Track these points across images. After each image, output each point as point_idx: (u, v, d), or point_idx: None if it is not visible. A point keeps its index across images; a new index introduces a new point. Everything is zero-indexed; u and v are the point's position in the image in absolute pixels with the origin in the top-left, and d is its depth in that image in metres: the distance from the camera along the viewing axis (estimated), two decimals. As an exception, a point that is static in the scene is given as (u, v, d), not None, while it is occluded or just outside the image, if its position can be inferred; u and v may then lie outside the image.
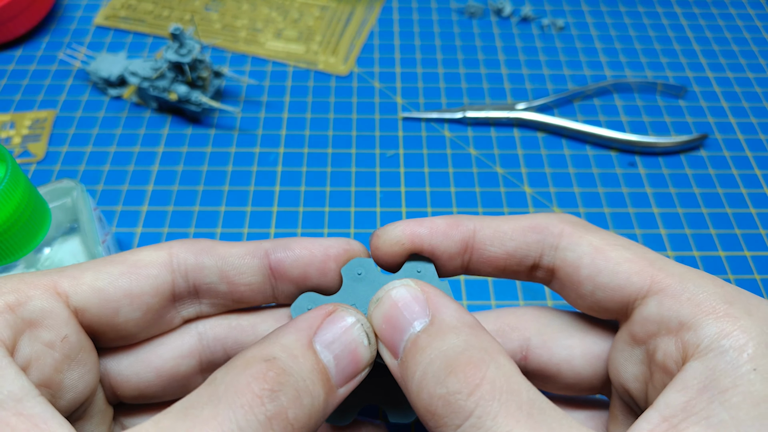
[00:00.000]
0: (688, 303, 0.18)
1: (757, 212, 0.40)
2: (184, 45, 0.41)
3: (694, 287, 0.19)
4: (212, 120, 0.44)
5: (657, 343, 0.19)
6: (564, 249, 0.22)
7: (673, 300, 0.19)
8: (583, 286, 0.21)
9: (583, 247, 0.21)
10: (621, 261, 0.20)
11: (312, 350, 0.18)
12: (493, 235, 0.22)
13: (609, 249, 0.21)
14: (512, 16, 0.53)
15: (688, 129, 0.45)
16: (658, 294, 0.19)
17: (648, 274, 0.20)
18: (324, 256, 0.22)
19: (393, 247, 0.22)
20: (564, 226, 0.22)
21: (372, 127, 0.44)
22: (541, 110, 0.45)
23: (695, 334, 0.18)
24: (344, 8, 0.53)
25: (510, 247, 0.22)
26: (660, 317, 0.19)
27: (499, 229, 0.22)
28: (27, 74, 0.47)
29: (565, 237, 0.22)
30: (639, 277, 0.20)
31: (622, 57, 0.50)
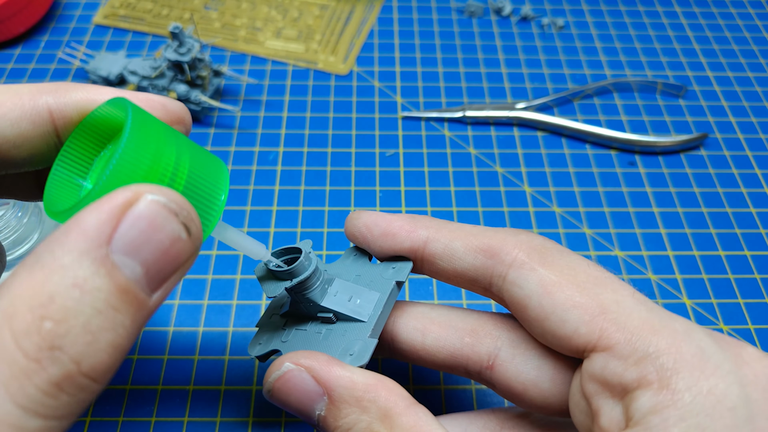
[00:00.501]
0: (634, 367, 0.17)
1: (757, 212, 0.40)
2: (184, 44, 0.41)
3: (643, 347, 0.17)
4: (212, 119, 0.44)
5: (599, 404, 0.18)
6: (511, 283, 0.20)
7: (618, 362, 0.17)
8: (532, 327, 0.20)
9: (531, 284, 0.20)
10: (569, 307, 0.19)
11: (109, 265, 0.14)
12: (443, 251, 0.22)
13: (558, 290, 0.19)
14: (512, 15, 0.53)
15: (688, 128, 0.45)
16: (605, 352, 0.18)
17: (597, 326, 0.18)
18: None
19: (350, 237, 0.23)
20: (517, 254, 0.20)
21: (372, 126, 0.44)
22: (541, 109, 0.45)
23: (633, 404, 0.17)
24: (344, 7, 0.53)
25: (459, 266, 0.21)
26: (604, 379, 0.18)
27: (450, 245, 0.21)
28: (26, 73, 0.47)
29: (515, 268, 0.20)
30: (587, 329, 0.18)
31: (622, 56, 0.50)
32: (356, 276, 0.23)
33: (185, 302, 0.35)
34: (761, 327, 0.35)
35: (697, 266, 0.37)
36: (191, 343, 0.34)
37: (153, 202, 0.14)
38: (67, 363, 0.13)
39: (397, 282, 0.22)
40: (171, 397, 0.32)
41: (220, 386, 0.32)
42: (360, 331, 0.22)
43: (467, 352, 0.22)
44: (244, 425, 0.31)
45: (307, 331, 0.23)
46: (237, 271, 0.36)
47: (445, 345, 0.22)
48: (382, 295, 0.22)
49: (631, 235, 0.38)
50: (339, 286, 0.23)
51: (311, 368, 0.19)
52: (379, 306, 0.22)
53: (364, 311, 0.22)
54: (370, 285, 0.23)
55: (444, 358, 0.23)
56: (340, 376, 0.19)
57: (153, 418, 0.31)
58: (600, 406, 0.18)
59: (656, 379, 0.16)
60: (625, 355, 0.17)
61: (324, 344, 0.22)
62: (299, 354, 0.20)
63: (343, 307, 0.22)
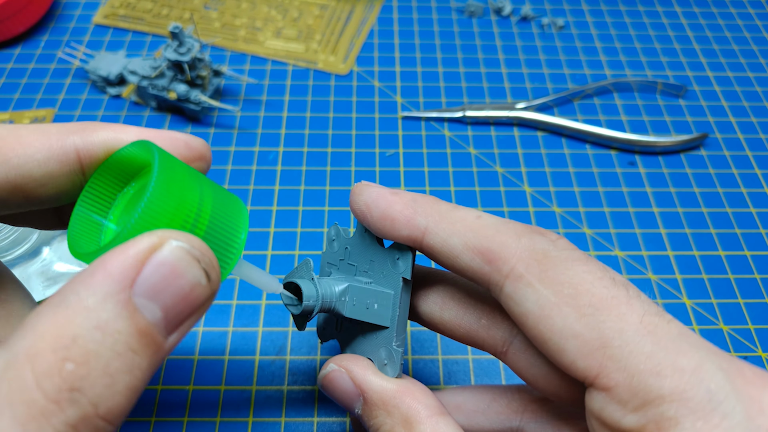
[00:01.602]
0: (633, 414, 0.16)
1: (757, 212, 0.40)
2: (184, 44, 0.41)
3: (644, 393, 0.16)
4: (212, 119, 0.44)
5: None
6: (507, 297, 0.19)
7: (616, 406, 0.16)
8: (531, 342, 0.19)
9: (529, 303, 0.18)
10: (568, 336, 0.17)
11: (131, 308, 0.14)
12: (441, 246, 0.20)
13: (558, 314, 0.17)
14: (512, 15, 0.53)
15: (688, 128, 0.45)
16: (604, 392, 0.17)
17: (596, 361, 0.17)
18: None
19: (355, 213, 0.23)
20: (516, 264, 0.19)
21: (372, 126, 0.44)
22: (541, 109, 0.45)
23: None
24: (344, 7, 0.53)
25: (457, 264, 0.20)
26: (602, 419, 0.17)
27: (448, 242, 0.20)
28: (26, 73, 0.47)
29: (512, 280, 0.19)
30: (585, 363, 0.17)
31: (622, 56, 0.50)
32: (371, 261, 0.23)
33: (185, 302, 0.35)
34: (761, 327, 0.35)
35: (697, 266, 0.37)
36: (191, 343, 0.34)
37: (177, 248, 0.15)
38: (86, 405, 0.13)
39: (403, 278, 0.22)
40: (171, 397, 0.32)
41: (220, 386, 0.32)
42: (386, 336, 0.23)
43: (483, 334, 0.22)
44: (244, 425, 0.31)
45: (350, 327, 0.24)
46: (237, 271, 0.36)
47: (462, 323, 0.23)
48: (395, 295, 0.23)
49: (631, 235, 0.38)
50: (354, 293, 0.23)
51: (350, 371, 0.22)
52: (396, 307, 0.22)
53: (385, 315, 0.23)
54: (384, 277, 0.23)
55: (462, 334, 0.23)
56: (372, 381, 0.21)
57: (153, 418, 0.31)
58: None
59: (655, 429, 0.15)
60: (625, 400, 0.16)
61: (363, 344, 0.24)
62: (344, 357, 0.22)
63: (364, 316, 0.23)
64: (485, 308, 0.22)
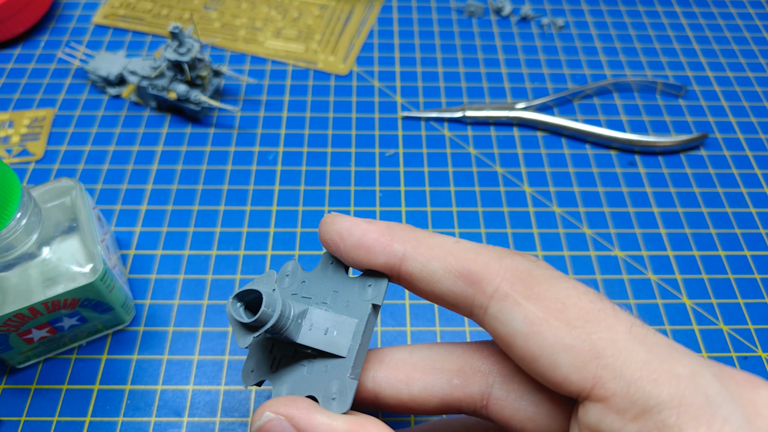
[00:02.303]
0: (633, 423, 0.16)
1: (757, 212, 0.40)
2: (184, 44, 0.41)
3: (643, 400, 0.16)
4: (211, 119, 0.44)
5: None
6: (493, 318, 0.18)
7: (614, 417, 0.16)
8: (519, 364, 0.18)
9: (516, 323, 0.18)
10: (559, 350, 0.17)
11: None
12: (420, 272, 0.20)
13: (547, 330, 0.17)
14: (512, 15, 0.53)
15: (688, 128, 0.45)
16: (601, 403, 0.16)
17: (591, 373, 0.16)
18: None
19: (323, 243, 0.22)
20: (499, 284, 0.18)
21: (371, 126, 0.44)
22: (541, 109, 0.45)
23: None
24: (344, 7, 0.53)
25: (437, 289, 0.20)
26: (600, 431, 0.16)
27: (428, 267, 0.20)
28: (26, 73, 0.47)
29: (497, 300, 0.18)
30: (579, 375, 0.17)
31: (622, 56, 0.50)
32: (334, 292, 0.22)
33: (185, 302, 0.35)
34: (761, 327, 0.35)
35: (697, 266, 0.37)
36: (191, 343, 0.34)
37: None
38: None
39: (373, 305, 0.21)
40: (171, 397, 0.32)
41: (220, 386, 0.32)
42: (340, 367, 0.20)
43: (458, 394, 0.21)
44: (243, 425, 0.31)
45: (292, 363, 0.22)
46: (237, 271, 0.36)
47: (434, 392, 0.21)
48: (359, 322, 0.21)
49: (631, 235, 0.38)
50: (315, 316, 0.21)
51: (291, 417, 0.19)
52: (357, 337, 0.21)
53: (343, 344, 0.21)
54: (348, 306, 0.21)
55: (435, 405, 0.21)
56: (320, 423, 0.19)
57: (153, 418, 0.31)
58: None
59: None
60: (623, 409, 0.16)
61: (308, 380, 0.21)
62: (280, 401, 0.19)
63: (319, 343, 0.21)
64: (453, 367, 0.21)
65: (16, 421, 0.31)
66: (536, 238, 0.38)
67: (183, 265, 0.36)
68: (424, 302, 0.36)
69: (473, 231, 0.38)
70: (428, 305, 0.35)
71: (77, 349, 0.33)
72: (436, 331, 0.34)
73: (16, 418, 0.31)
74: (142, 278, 0.36)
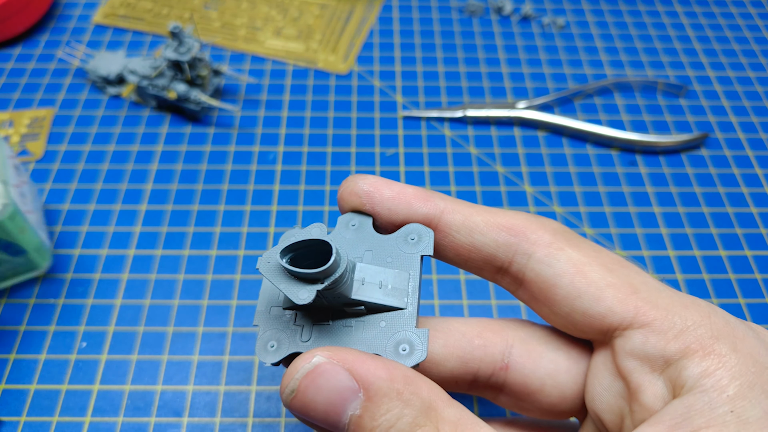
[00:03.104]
0: (674, 340, 0.18)
1: (758, 211, 0.40)
2: (183, 43, 0.41)
3: (680, 321, 0.18)
4: (211, 118, 0.44)
5: (640, 380, 0.18)
6: (539, 261, 0.20)
7: (658, 337, 0.18)
8: (559, 306, 0.20)
9: (562, 263, 0.19)
10: (603, 286, 0.19)
11: None
12: (462, 223, 0.21)
13: (590, 270, 0.19)
14: (513, 14, 0.53)
15: (688, 128, 0.45)
16: (643, 329, 0.18)
17: (632, 304, 0.19)
18: None
19: (351, 197, 0.21)
20: (543, 234, 0.20)
21: (372, 125, 0.44)
22: (542, 109, 0.45)
23: (680, 373, 0.17)
24: (344, 6, 0.53)
25: (478, 241, 0.21)
26: (645, 354, 0.18)
27: (470, 218, 0.21)
28: (25, 73, 0.47)
29: (542, 247, 0.20)
30: (622, 307, 0.19)
31: (622, 56, 0.50)
32: (367, 251, 0.21)
33: (185, 302, 0.35)
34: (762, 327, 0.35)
35: (698, 266, 0.37)
36: (191, 343, 0.33)
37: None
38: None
39: (422, 256, 0.20)
40: (171, 398, 0.32)
41: (220, 386, 0.32)
42: (401, 320, 0.19)
43: (479, 354, 0.21)
44: (243, 425, 0.31)
45: (331, 325, 0.20)
46: (236, 271, 0.36)
47: (454, 350, 0.21)
48: (413, 273, 0.20)
49: (631, 235, 0.38)
50: (364, 271, 0.20)
51: (345, 360, 0.17)
52: (414, 288, 0.20)
53: (400, 297, 0.20)
54: (390, 262, 0.20)
55: (453, 366, 0.21)
56: (378, 367, 0.17)
57: (152, 419, 0.31)
58: (641, 382, 0.18)
59: (699, 347, 0.17)
60: (665, 330, 0.18)
61: (360, 339, 0.19)
62: (331, 348, 0.18)
63: (377, 297, 0.19)
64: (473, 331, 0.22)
65: (16, 422, 0.31)
66: (537, 237, 0.38)
67: (183, 265, 0.36)
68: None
69: (474, 231, 0.38)
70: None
71: (77, 348, 0.33)
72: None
73: (16, 418, 0.31)
74: (141, 278, 0.36)
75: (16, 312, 0.34)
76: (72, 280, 0.36)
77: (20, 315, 0.34)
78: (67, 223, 0.38)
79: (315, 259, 0.18)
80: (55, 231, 0.38)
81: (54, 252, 0.37)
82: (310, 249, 0.18)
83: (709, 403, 0.16)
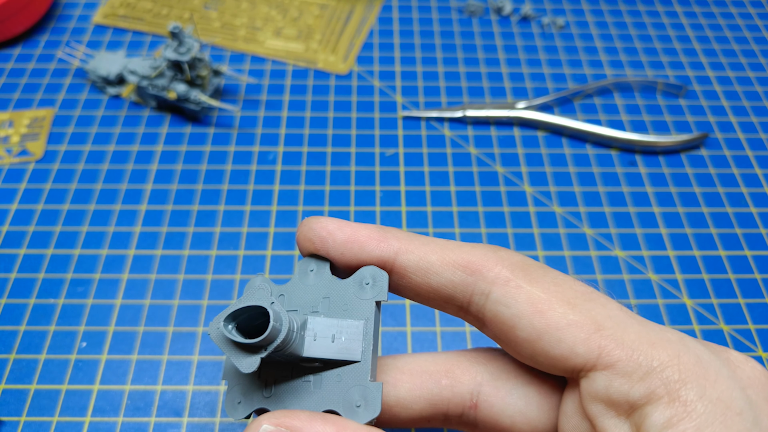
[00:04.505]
0: (639, 383, 0.17)
1: (757, 212, 0.40)
2: (183, 43, 0.41)
3: (646, 362, 0.17)
4: (211, 119, 0.44)
5: (605, 424, 0.17)
6: (496, 302, 0.19)
7: (622, 380, 0.17)
8: (521, 347, 0.19)
9: (521, 304, 0.19)
10: (564, 325, 0.18)
11: None
12: (417, 264, 0.20)
13: (550, 308, 0.18)
14: (512, 14, 0.53)
15: (688, 128, 0.45)
16: (607, 370, 0.17)
17: (596, 343, 0.17)
18: None
19: (306, 242, 0.21)
20: (500, 270, 0.19)
21: (371, 125, 0.44)
22: (542, 109, 0.45)
23: (645, 421, 0.16)
24: (344, 7, 0.53)
25: (434, 282, 0.20)
26: (609, 398, 0.17)
27: (425, 258, 0.20)
28: (25, 73, 0.47)
29: (499, 286, 0.19)
30: (585, 347, 0.18)
31: (622, 56, 0.50)
32: (324, 299, 0.20)
33: (184, 302, 0.35)
34: (762, 327, 0.35)
35: (698, 266, 0.37)
36: (191, 343, 0.33)
37: None
38: None
39: (376, 302, 0.20)
40: (170, 398, 0.32)
41: (220, 386, 0.32)
42: (356, 374, 0.19)
43: (447, 394, 0.21)
44: (243, 426, 0.31)
45: (291, 380, 0.20)
46: (236, 271, 0.36)
47: (422, 393, 0.21)
48: (367, 322, 0.20)
49: (631, 235, 0.38)
50: (316, 325, 0.19)
51: (293, 428, 0.17)
52: (368, 337, 0.19)
53: (355, 348, 0.19)
54: (346, 309, 0.20)
55: (421, 408, 0.21)
56: (327, 430, 0.17)
57: (152, 419, 0.31)
58: (606, 426, 0.17)
59: (665, 392, 0.16)
60: (629, 372, 0.17)
61: (318, 395, 0.19)
62: (281, 412, 0.18)
63: (329, 352, 0.19)
64: (440, 369, 0.21)
65: (16, 422, 0.31)
66: (537, 238, 0.38)
67: (183, 266, 0.36)
68: None
69: (473, 231, 0.38)
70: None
71: (77, 348, 0.33)
72: (437, 331, 0.34)
73: (16, 418, 0.31)
74: (141, 278, 0.36)
75: (16, 312, 0.34)
76: (72, 280, 0.36)
77: (20, 315, 0.34)
78: (67, 223, 0.38)
79: (264, 319, 0.18)
80: (54, 231, 0.38)
81: (53, 252, 0.37)
82: (257, 310, 0.18)
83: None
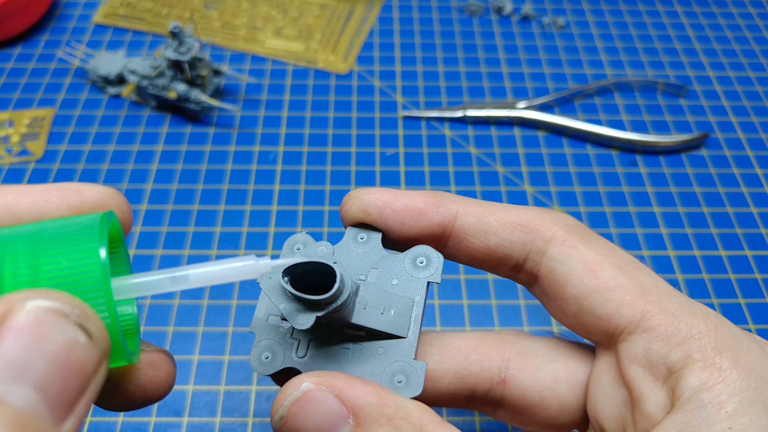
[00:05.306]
0: (678, 348, 0.17)
1: (758, 211, 0.40)
2: (184, 43, 0.41)
3: (686, 329, 0.18)
4: (211, 118, 0.44)
5: (643, 389, 0.18)
6: (552, 258, 0.20)
7: (662, 343, 0.18)
8: (568, 304, 0.20)
9: (574, 262, 0.19)
10: (613, 286, 0.19)
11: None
12: (476, 226, 0.20)
13: (602, 269, 0.19)
14: (513, 14, 0.53)
15: (688, 128, 0.45)
16: (648, 333, 0.18)
17: (640, 307, 0.18)
18: None
19: (359, 214, 0.20)
20: (557, 230, 0.20)
21: (372, 125, 0.44)
22: (542, 109, 0.45)
23: (680, 383, 0.17)
24: (344, 6, 0.53)
25: (492, 242, 0.20)
26: (648, 361, 0.18)
27: (484, 220, 0.20)
28: (26, 72, 0.47)
29: (556, 244, 0.20)
30: (630, 310, 0.18)
31: (622, 56, 0.50)
32: (372, 269, 0.20)
33: (185, 302, 0.35)
34: (762, 327, 0.35)
35: (698, 266, 0.37)
36: (191, 343, 0.33)
37: (33, 308, 0.12)
38: None
39: (428, 282, 0.20)
40: (170, 397, 0.32)
41: (220, 386, 0.32)
42: (400, 349, 0.19)
43: (475, 369, 0.21)
44: (243, 425, 0.31)
45: (328, 345, 0.19)
46: (237, 271, 0.36)
47: (450, 366, 0.21)
48: (417, 300, 0.19)
49: (631, 235, 0.38)
50: (367, 294, 0.19)
51: (335, 387, 0.17)
52: (417, 316, 0.19)
53: (402, 325, 0.19)
54: (397, 284, 0.20)
55: (449, 382, 0.21)
56: (368, 392, 0.17)
57: (153, 418, 0.31)
58: (643, 390, 0.18)
59: (701, 357, 0.17)
60: (669, 336, 0.18)
61: (355, 364, 0.19)
62: (321, 372, 0.17)
63: (378, 324, 0.19)
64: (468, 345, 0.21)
65: (16, 421, 0.31)
66: (537, 237, 0.38)
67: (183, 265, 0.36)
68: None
69: (474, 231, 0.38)
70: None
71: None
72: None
73: (16, 418, 0.31)
74: (142, 278, 0.36)
75: (16, 312, 0.34)
76: (72, 280, 0.36)
77: (20, 315, 0.34)
78: (67, 222, 0.38)
79: (317, 277, 0.18)
80: (55, 231, 0.38)
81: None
82: (313, 266, 0.18)
83: (707, 419, 0.16)
